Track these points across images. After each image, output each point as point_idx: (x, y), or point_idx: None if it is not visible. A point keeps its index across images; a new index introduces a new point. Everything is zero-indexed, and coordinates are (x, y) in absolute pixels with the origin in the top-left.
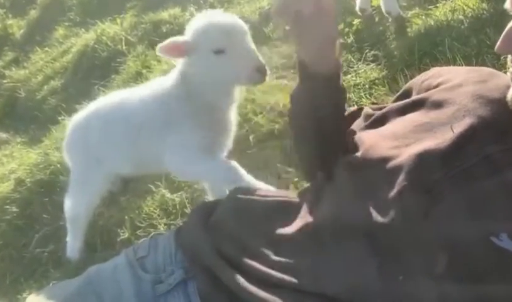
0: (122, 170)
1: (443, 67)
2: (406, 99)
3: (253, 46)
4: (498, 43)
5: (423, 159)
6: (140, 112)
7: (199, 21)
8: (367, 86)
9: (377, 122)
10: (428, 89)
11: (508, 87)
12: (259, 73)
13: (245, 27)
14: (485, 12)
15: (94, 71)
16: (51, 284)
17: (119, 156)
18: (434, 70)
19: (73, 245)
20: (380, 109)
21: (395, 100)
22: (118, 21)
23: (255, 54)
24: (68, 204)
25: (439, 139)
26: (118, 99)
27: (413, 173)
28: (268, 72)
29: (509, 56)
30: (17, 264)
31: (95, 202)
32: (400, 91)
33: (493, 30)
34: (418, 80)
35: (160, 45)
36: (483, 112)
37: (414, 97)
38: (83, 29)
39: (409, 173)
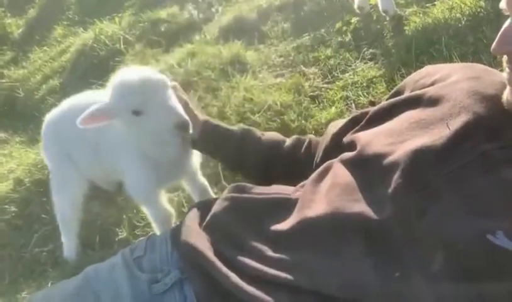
0: (92, 173)
1: (436, 65)
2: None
3: (171, 101)
4: (493, 44)
5: (419, 156)
6: (108, 127)
7: (115, 82)
8: (364, 84)
9: (372, 121)
10: (422, 88)
11: (502, 85)
12: (180, 130)
13: (162, 81)
14: (482, 10)
15: (93, 70)
16: (49, 284)
17: (88, 158)
18: (428, 69)
19: (69, 245)
20: (362, 115)
21: (388, 100)
22: (116, 19)
23: (173, 110)
24: (55, 205)
25: (435, 136)
26: (91, 103)
27: (408, 171)
28: (191, 126)
29: (505, 56)
30: (16, 264)
31: (79, 200)
32: (393, 91)
33: (490, 28)
34: (411, 80)
35: (80, 118)
36: (478, 108)
37: (409, 94)
38: (81, 28)
39: (405, 171)
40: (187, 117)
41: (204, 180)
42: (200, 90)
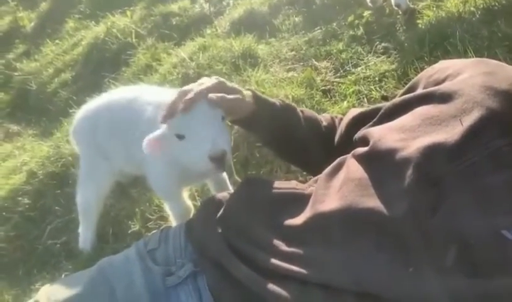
0: (124, 168)
1: (449, 60)
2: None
3: (212, 132)
4: None
5: (432, 152)
6: (138, 121)
7: None
8: (377, 79)
9: (386, 116)
10: (436, 84)
11: None
12: (213, 163)
13: (211, 112)
14: (497, 3)
15: (104, 64)
16: (63, 276)
17: (120, 155)
18: (441, 64)
19: (85, 236)
20: (373, 111)
21: (402, 95)
22: (128, 13)
23: (210, 140)
24: (79, 194)
25: (448, 133)
26: (127, 99)
27: (421, 167)
28: (229, 157)
29: None
30: (30, 255)
31: (105, 192)
32: (407, 87)
33: (505, 22)
34: (425, 75)
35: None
36: (492, 104)
37: (421, 90)
38: (93, 22)
39: (417, 167)
40: (225, 149)
41: (224, 174)
42: None
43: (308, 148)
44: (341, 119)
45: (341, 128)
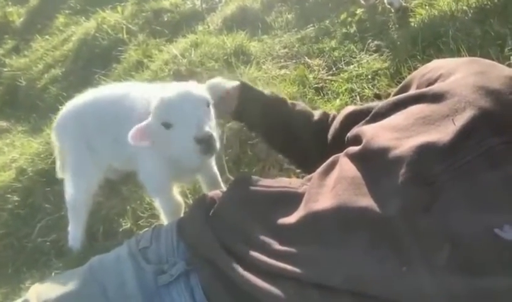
0: (113, 163)
1: (442, 59)
2: (405, 92)
3: (200, 116)
4: None
5: (425, 151)
6: (128, 117)
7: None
8: (369, 77)
9: (379, 115)
10: (429, 83)
11: (508, 79)
12: (200, 146)
13: (199, 98)
14: (489, 2)
15: (95, 60)
16: (53, 274)
17: (108, 151)
18: (434, 63)
19: (74, 234)
20: (368, 109)
21: (395, 94)
22: (119, 9)
23: (196, 124)
24: (67, 191)
25: (441, 133)
26: (117, 95)
27: (415, 165)
28: (217, 144)
29: None
30: (20, 253)
31: (93, 189)
32: (400, 85)
33: (497, 21)
34: (418, 74)
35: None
36: (484, 103)
37: (414, 90)
38: (83, 18)
39: (411, 165)
40: (210, 132)
41: (216, 171)
42: (204, 81)
43: (299, 139)
44: (335, 115)
45: (335, 125)
